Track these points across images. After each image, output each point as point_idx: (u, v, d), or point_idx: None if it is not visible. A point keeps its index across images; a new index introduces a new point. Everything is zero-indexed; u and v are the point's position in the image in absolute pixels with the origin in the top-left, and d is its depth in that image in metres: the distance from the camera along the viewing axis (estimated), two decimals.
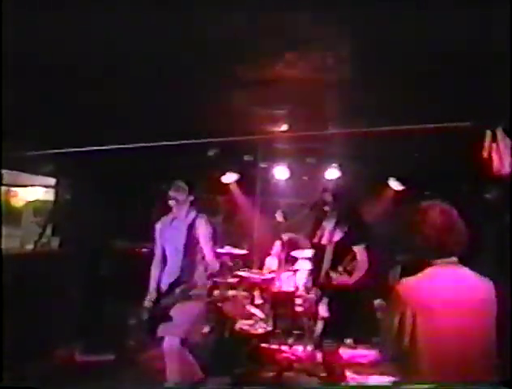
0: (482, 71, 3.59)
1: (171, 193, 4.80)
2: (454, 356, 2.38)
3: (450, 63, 3.50)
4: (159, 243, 4.96)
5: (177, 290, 4.58)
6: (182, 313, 4.55)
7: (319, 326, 4.92)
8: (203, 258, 4.78)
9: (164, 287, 4.76)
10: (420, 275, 2.55)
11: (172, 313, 4.56)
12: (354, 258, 4.77)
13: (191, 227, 4.75)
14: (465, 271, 2.55)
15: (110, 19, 3.11)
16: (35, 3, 2.89)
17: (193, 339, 4.78)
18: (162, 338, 4.61)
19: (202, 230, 4.77)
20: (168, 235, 4.87)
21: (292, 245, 7.53)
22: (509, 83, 3.07)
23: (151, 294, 4.80)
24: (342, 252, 4.83)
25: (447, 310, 2.39)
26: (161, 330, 4.59)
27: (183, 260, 4.70)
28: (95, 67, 3.99)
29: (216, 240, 5.00)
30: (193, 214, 4.83)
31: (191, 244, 4.73)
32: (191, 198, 4.87)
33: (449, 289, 2.45)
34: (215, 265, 4.80)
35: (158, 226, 4.99)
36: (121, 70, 4.06)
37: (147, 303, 4.75)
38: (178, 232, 4.78)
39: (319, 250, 5.05)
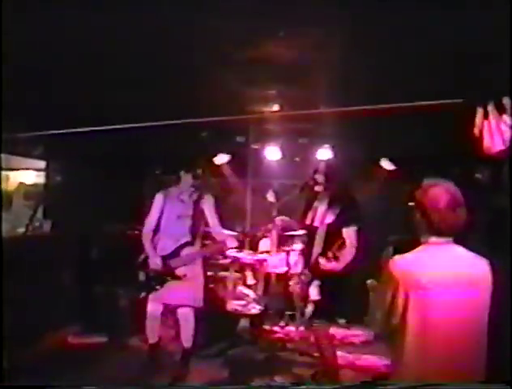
0: (474, 49, 3.57)
1: (187, 172, 5.40)
2: (447, 335, 2.37)
3: (441, 41, 3.48)
4: (157, 211, 5.42)
5: (184, 253, 5.26)
6: (192, 277, 5.24)
7: (310, 307, 4.93)
8: (207, 229, 5.48)
9: (166, 251, 5.28)
10: (413, 252, 2.52)
11: (180, 274, 5.21)
12: (343, 243, 4.76)
13: (197, 202, 5.37)
14: (460, 250, 2.52)
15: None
16: None
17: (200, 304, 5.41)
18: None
19: (208, 205, 5.44)
20: (172, 204, 5.42)
21: (284, 225, 7.53)
22: (501, 60, 3.05)
23: (155, 259, 5.23)
24: (334, 234, 4.82)
25: (442, 289, 2.37)
26: (175, 297, 5.23)
27: (189, 228, 5.32)
28: (84, 49, 3.93)
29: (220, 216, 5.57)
30: (198, 191, 5.44)
31: (197, 215, 5.34)
32: (196, 178, 5.43)
33: (444, 268, 2.42)
34: (221, 235, 5.45)
35: (160, 196, 5.45)
36: (112, 51, 4.01)
37: (154, 266, 5.21)
38: (184, 203, 5.37)
39: (311, 231, 5.04)
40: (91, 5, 3.12)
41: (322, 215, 4.91)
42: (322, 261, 4.74)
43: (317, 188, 5.02)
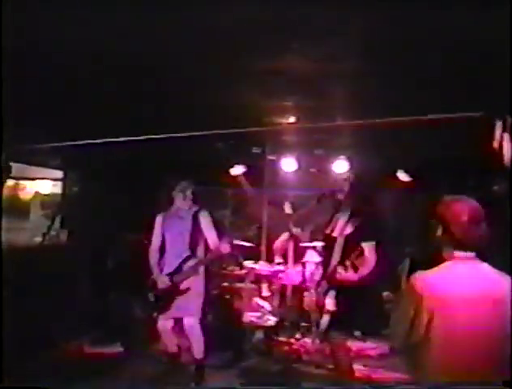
0: (492, 61, 3.54)
1: (178, 190, 5.54)
2: (470, 352, 2.32)
3: (459, 52, 3.45)
4: (159, 232, 5.60)
5: (186, 267, 5.34)
6: (194, 289, 5.31)
7: (326, 319, 4.90)
8: (206, 244, 5.48)
9: (171, 268, 5.39)
10: (437, 268, 2.48)
11: (183, 288, 5.27)
12: (362, 253, 4.75)
13: (195, 217, 5.47)
14: (484, 267, 2.47)
15: (112, 9, 3.08)
16: None
17: (205, 314, 5.56)
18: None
19: (205, 220, 5.50)
20: (171, 222, 5.57)
21: (300, 237, 7.51)
22: None
23: (161, 278, 5.36)
24: (352, 246, 4.79)
25: (467, 306, 2.33)
26: (179, 310, 5.29)
27: (189, 243, 5.40)
28: (101, 57, 3.96)
29: (218, 229, 5.61)
30: (196, 207, 5.56)
31: (196, 230, 5.44)
32: (194, 193, 5.57)
33: (469, 285, 2.38)
34: (219, 247, 5.35)
35: (160, 217, 5.64)
36: (129, 60, 4.03)
37: (162, 285, 5.33)
38: (182, 220, 5.49)
39: (330, 242, 5.01)
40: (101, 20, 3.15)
41: (342, 226, 4.88)
42: (339, 269, 4.73)
43: (336, 199, 5.02)
